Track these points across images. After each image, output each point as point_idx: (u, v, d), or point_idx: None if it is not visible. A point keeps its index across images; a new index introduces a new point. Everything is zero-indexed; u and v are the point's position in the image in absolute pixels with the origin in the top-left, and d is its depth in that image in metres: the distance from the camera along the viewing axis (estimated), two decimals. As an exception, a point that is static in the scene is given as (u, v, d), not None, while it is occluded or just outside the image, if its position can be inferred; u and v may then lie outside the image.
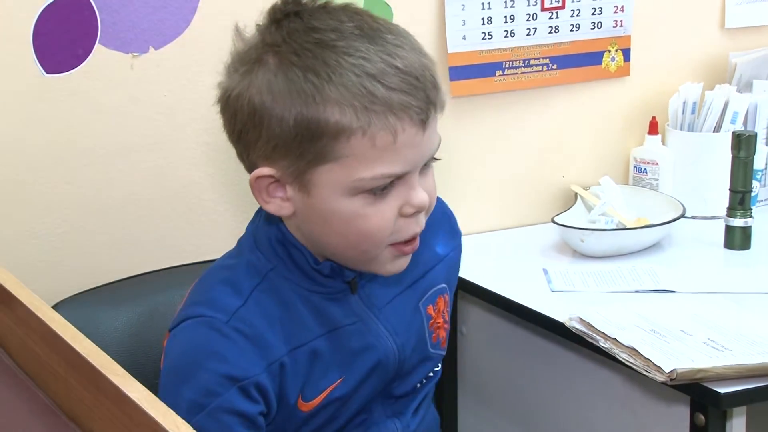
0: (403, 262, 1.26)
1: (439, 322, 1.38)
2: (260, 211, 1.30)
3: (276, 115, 1.16)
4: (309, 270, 1.26)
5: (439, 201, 1.43)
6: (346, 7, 1.21)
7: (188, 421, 1.23)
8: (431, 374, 1.38)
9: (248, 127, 1.19)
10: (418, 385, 1.36)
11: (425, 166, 1.23)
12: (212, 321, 1.22)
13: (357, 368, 1.28)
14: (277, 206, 1.22)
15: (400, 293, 1.33)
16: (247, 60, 1.20)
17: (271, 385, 1.22)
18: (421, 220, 1.24)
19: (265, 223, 1.29)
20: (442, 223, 1.42)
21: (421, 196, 1.21)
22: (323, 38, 1.16)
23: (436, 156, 1.24)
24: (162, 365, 1.26)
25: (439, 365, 1.40)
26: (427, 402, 1.41)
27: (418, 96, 1.17)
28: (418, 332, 1.34)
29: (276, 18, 1.20)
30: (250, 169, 1.23)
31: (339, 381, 1.27)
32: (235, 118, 1.21)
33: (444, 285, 1.39)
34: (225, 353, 1.21)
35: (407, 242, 1.23)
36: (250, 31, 1.23)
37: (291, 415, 1.26)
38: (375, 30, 1.18)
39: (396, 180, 1.19)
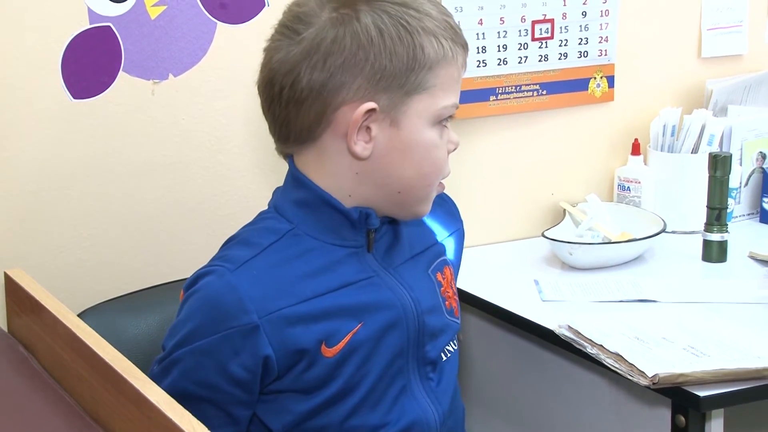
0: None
1: (449, 292, 1.38)
2: (282, 185, 1.32)
3: (385, 49, 1.21)
4: (336, 219, 1.26)
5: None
6: None
7: (170, 354, 1.23)
8: (450, 349, 1.36)
9: (342, 70, 1.21)
10: (443, 356, 1.34)
11: None
12: (219, 270, 1.23)
13: (376, 315, 1.26)
14: (362, 147, 1.24)
15: (409, 259, 1.34)
16: (332, 9, 1.22)
17: (267, 335, 1.20)
18: None
19: (286, 191, 1.30)
20: (441, 206, 1.44)
21: (455, 134, 1.30)
22: None
23: None
24: None
25: (456, 345, 1.38)
26: (458, 394, 1.40)
27: (464, 38, 1.28)
28: (432, 294, 1.34)
29: None
30: (314, 123, 1.23)
31: (359, 326, 1.25)
32: (324, 65, 1.21)
33: (446, 258, 1.40)
34: (220, 299, 1.21)
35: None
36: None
37: (316, 362, 1.23)
38: None
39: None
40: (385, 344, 1.27)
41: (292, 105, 1.24)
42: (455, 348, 1.38)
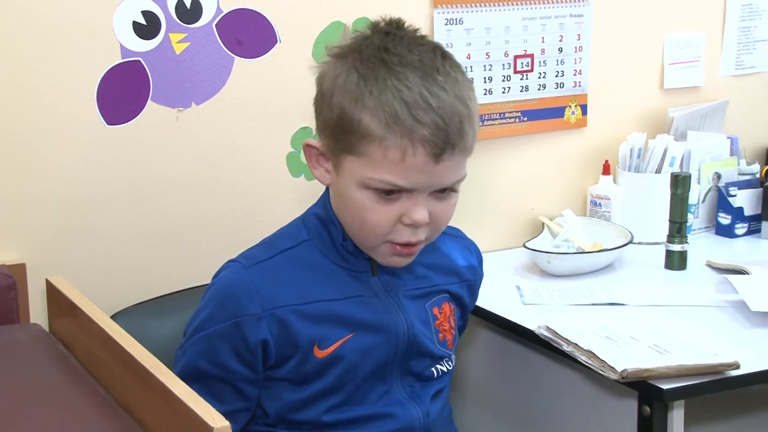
0: (398, 260, 1.25)
1: (445, 326, 1.35)
2: (320, 197, 1.31)
3: (330, 103, 1.19)
4: (339, 245, 1.26)
5: (469, 241, 1.43)
6: (426, 43, 1.21)
7: (189, 338, 1.26)
8: (444, 370, 1.35)
9: (317, 104, 1.23)
10: (435, 374, 1.33)
11: (443, 193, 1.21)
12: (235, 266, 1.26)
13: (368, 332, 1.26)
14: (321, 174, 1.24)
15: (411, 289, 1.32)
16: (338, 53, 1.21)
17: (268, 326, 1.22)
18: (419, 234, 1.22)
19: (317, 203, 1.30)
20: (462, 250, 1.41)
21: (420, 213, 1.19)
22: (386, 59, 1.17)
23: (455, 188, 1.22)
24: None
25: (451, 365, 1.37)
26: (444, 394, 1.38)
27: (438, 134, 1.16)
28: (425, 323, 1.32)
29: (371, 30, 1.22)
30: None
31: (350, 336, 1.25)
32: (316, 92, 1.23)
33: (448, 295, 1.37)
34: (232, 291, 1.23)
35: (403, 245, 1.22)
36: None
37: (308, 360, 1.24)
38: (432, 68, 1.17)
39: (404, 192, 1.18)
40: (372, 357, 1.27)
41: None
42: (449, 368, 1.36)
